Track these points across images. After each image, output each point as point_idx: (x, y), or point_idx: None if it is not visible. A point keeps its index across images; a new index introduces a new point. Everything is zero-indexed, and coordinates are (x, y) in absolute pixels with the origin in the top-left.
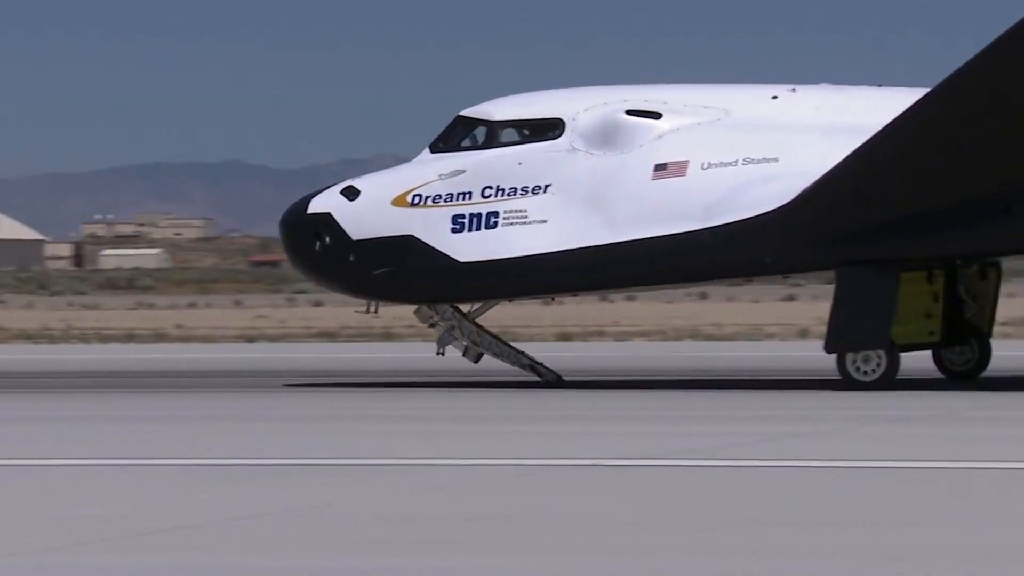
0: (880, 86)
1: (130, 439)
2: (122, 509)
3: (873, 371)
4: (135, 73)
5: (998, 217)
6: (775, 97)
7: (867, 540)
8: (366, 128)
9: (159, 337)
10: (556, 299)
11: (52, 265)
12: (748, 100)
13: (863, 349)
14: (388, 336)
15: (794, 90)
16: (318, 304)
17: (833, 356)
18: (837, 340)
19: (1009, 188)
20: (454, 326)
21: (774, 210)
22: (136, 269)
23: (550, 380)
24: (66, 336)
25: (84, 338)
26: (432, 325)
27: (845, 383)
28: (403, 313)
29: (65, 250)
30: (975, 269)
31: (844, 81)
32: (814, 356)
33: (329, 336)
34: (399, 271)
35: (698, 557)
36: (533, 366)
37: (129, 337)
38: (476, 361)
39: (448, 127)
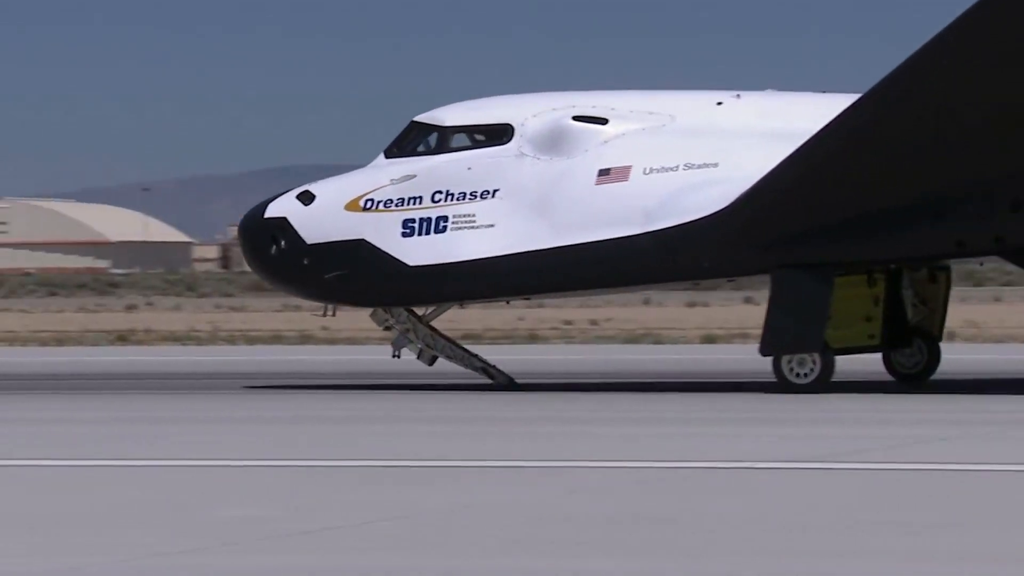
0: (824, 92)
1: (275, 440)
2: (267, 510)
3: (808, 374)
4: (280, 75)
5: (931, 221)
6: (720, 103)
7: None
8: None
9: (305, 339)
10: (510, 302)
11: (199, 267)
12: (693, 106)
13: (797, 352)
14: (533, 338)
15: (739, 96)
16: (461, 305)
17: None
18: (772, 343)
19: (941, 192)
20: (409, 329)
21: (711, 215)
22: None
23: (502, 383)
24: (213, 338)
25: (231, 340)
26: (387, 328)
27: (781, 386)
28: (548, 316)
29: (212, 252)
30: (924, 273)
31: (794, 87)
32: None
33: (474, 338)
34: (351, 275)
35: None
36: (485, 368)
37: (275, 339)
38: (431, 364)
39: (402, 132)
